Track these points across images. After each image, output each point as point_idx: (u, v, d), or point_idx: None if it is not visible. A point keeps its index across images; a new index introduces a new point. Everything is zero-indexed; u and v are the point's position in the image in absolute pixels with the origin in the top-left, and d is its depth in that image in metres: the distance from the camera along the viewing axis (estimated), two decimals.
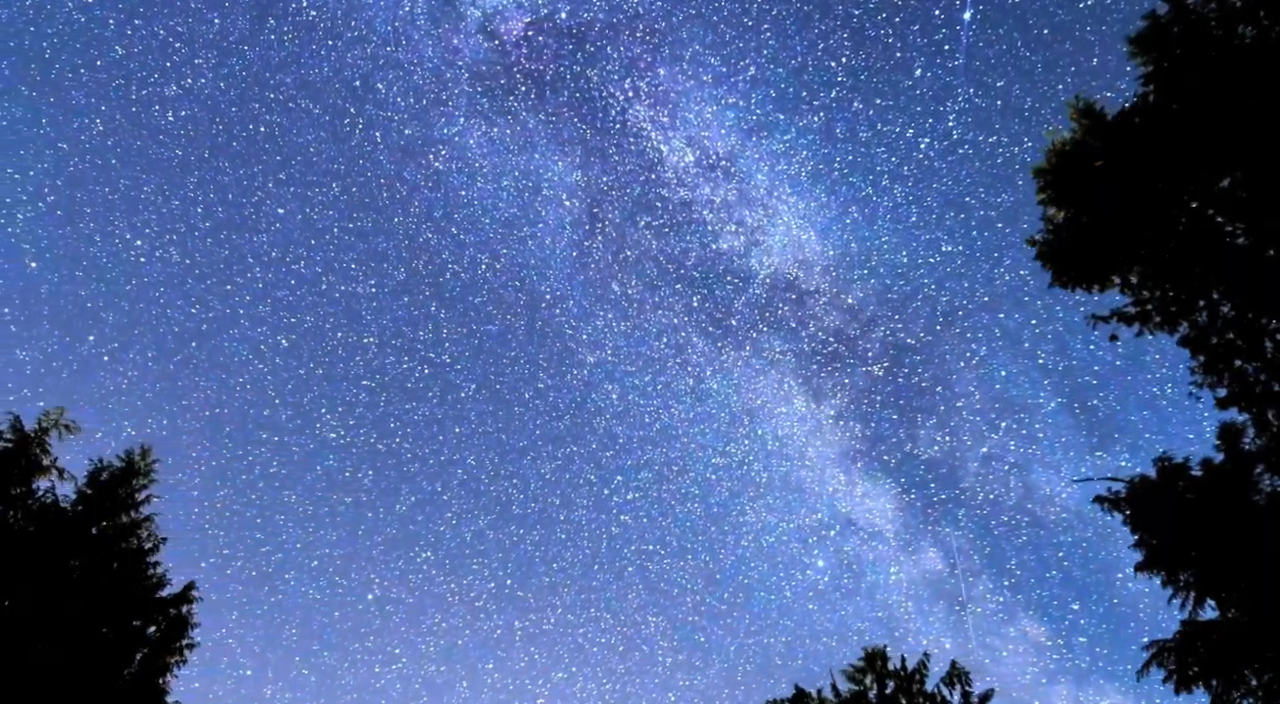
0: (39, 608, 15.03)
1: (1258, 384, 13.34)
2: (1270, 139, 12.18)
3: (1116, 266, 14.18)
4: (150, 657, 16.32)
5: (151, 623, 16.61)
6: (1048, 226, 14.52)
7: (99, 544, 16.51)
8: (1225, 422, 13.69)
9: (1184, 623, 13.47)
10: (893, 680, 19.14)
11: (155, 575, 17.04)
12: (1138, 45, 13.28)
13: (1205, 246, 13.17)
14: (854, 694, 19.10)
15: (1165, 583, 13.69)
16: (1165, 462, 13.81)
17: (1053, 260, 14.56)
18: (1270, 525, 12.41)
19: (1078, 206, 13.94)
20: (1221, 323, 13.67)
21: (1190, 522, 13.15)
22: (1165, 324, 14.20)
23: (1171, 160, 13.01)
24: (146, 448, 17.85)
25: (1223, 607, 13.24)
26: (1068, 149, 13.77)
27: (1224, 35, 12.56)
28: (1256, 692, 12.60)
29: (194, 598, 17.05)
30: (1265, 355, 13.21)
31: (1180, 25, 12.81)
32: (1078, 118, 13.70)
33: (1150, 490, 13.68)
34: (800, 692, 19.72)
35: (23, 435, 16.54)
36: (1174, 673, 13.23)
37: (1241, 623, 12.85)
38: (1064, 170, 13.83)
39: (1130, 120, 13.30)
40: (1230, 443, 13.53)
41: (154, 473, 17.81)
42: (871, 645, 19.76)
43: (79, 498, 16.81)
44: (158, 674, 16.31)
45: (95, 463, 17.34)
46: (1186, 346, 14.03)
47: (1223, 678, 12.81)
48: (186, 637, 16.76)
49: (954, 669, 18.88)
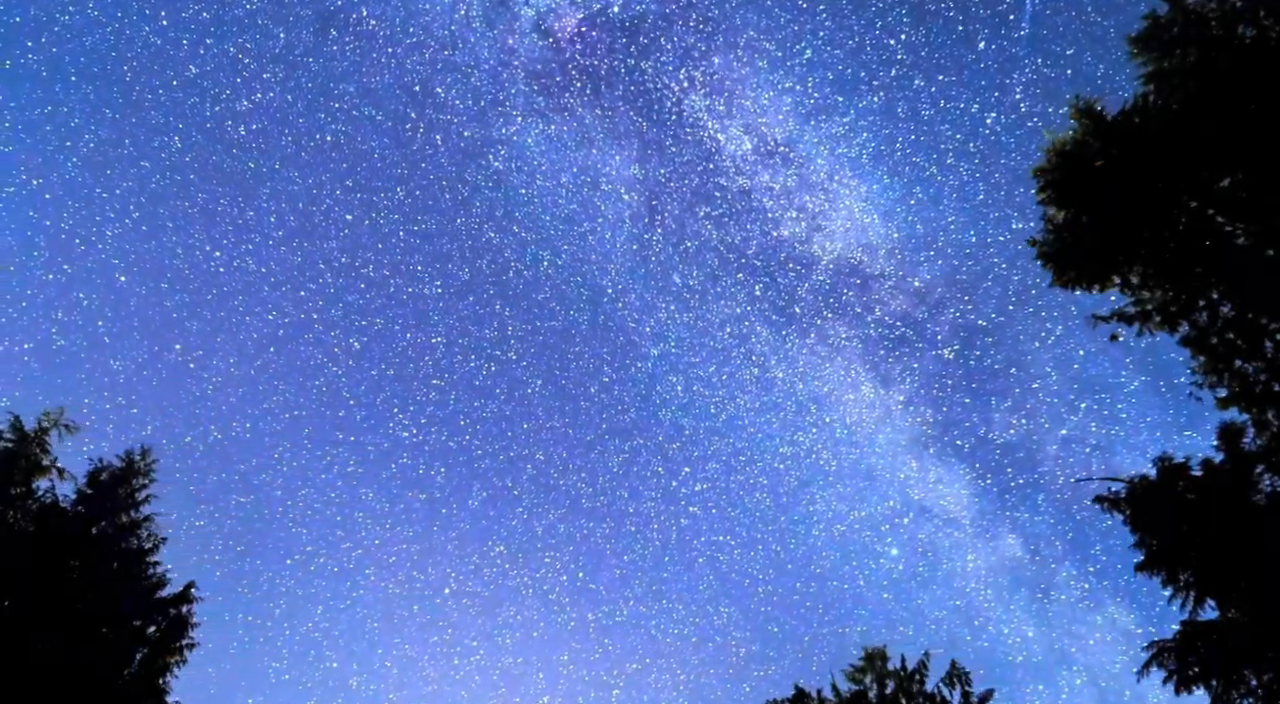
0: (39, 608, 15.03)
1: (1258, 384, 13.34)
2: (1270, 139, 12.17)
3: (1117, 267, 14.17)
4: (150, 657, 16.33)
5: (151, 623, 16.62)
6: (1048, 227, 14.52)
7: (99, 544, 16.52)
8: (1225, 421, 13.70)
9: (1184, 623, 13.46)
10: (893, 680, 19.14)
11: (155, 575, 17.06)
12: (1138, 45, 13.29)
13: (1205, 246, 13.16)
14: (854, 694, 19.10)
15: (1165, 583, 13.68)
16: (1165, 462, 13.81)
17: (1053, 260, 14.56)
18: (1270, 525, 12.41)
19: (1078, 206, 13.94)
20: (1221, 323, 13.68)
21: (1190, 522, 13.15)
22: (1165, 324, 14.20)
23: (1171, 160, 13.01)
24: (146, 448, 17.87)
25: (1223, 607, 13.23)
26: (1068, 149, 13.77)
27: (1224, 35, 12.56)
28: (1256, 692, 12.60)
29: (194, 598, 17.06)
30: (1265, 355, 13.21)
31: (1180, 25, 12.82)
32: (1078, 118, 13.70)
33: (1150, 490, 13.67)
34: (800, 692, 19.72)
35: (23, 435, 16.56)
36: (1174, 673, 13.22)
37: (1241, 623, 12.84)
38: (1064, 170, 13.83)
39: (1130, 120, 13.30)
40: (1230, 443, 13.52)
41: (154, 473, 17.83)
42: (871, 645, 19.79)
43: (79, 498, 16.83)
44: (158, 674, 16.32)
45: (95, 463, 17.36)
46: (1186, 346, 14.04)
47: (1223, 678, 12.80)
48: (186, 636, 16.77)
49: (954, 669, 18.88)
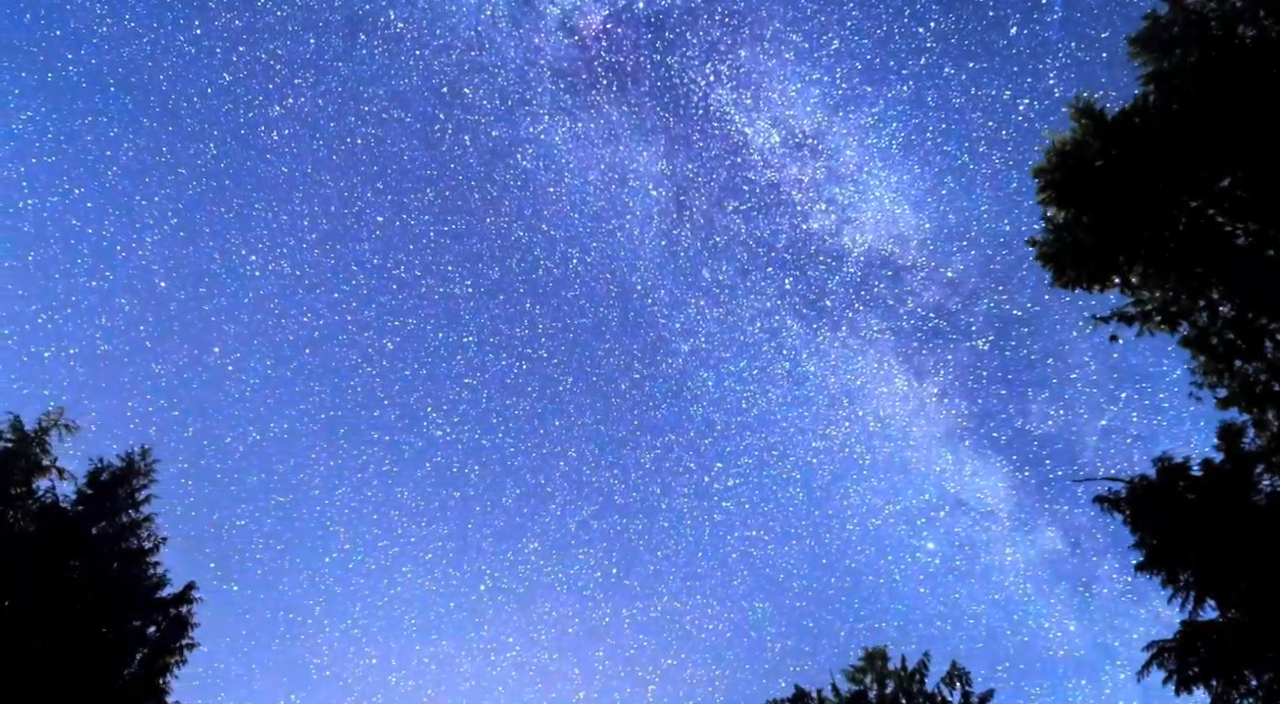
0: (39, 608, 15.02)
1: (1258, 384, 13.34)
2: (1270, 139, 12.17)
3: (1117, 267, 14.17)
4: (150, 657, 16.31)
5: (151, 623, 16.60)
6: (1048, 227, 14.52)
7: (99, 544, 16.51)
8: (1225, 421, 13.70)
9: (1184, 623, 13.45)
10: (893, 680, 19.15)
11: (155, 576, 17.03)
12: (1138, 45, 13.29)
13: (1205, 246, 13.16)
14: (854, 694, 19.11)
15: (1165, 583, 13.68)
16: (1165, 462, 13.81)
17: (1053, 260, 14.56)
18: (1270, 525, 12.41)
19: (1078, 206, 13.93)
20: (1221, 323, 13.68)
21: (1190, 522, 13.15)
22: (1165, 324, 14.20)
23: (1171, 160, 13.00)
24: (146, 448, 17.84)
25: (1223, 607, 13.23)
26: (1068, 149, 13.76)
27: (1224, 35, 12.56)
28: (1256, 692, 12.59)
29: (194, 599, 17.03)
30: (1265, 355, 13.21)
31: (1180, 25, 12.82)
32: (1078, 118, 13.70)
33: (1150, 490, 13.67)
34: (800, 691, 19.72)
35: (23, 435, 16.55)
36: (1174, 673, 13.22)
37: (1241, 623, 12.84)
38: (1064, 170, 13.82)
39: (1130, 120, 13.29)
40: (1230, 443, 13.52)
41: (154, 473, 17.81)
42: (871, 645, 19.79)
43: (79, 498, 16.80)
44: (158, 674, 16.30)
45: (95, 463, 17.34)
46: (1187, 347, 14.04)
47: (1223, 678, 12.79)
48: (186, 637, 16.74)
49: (954, 669, 18.89)
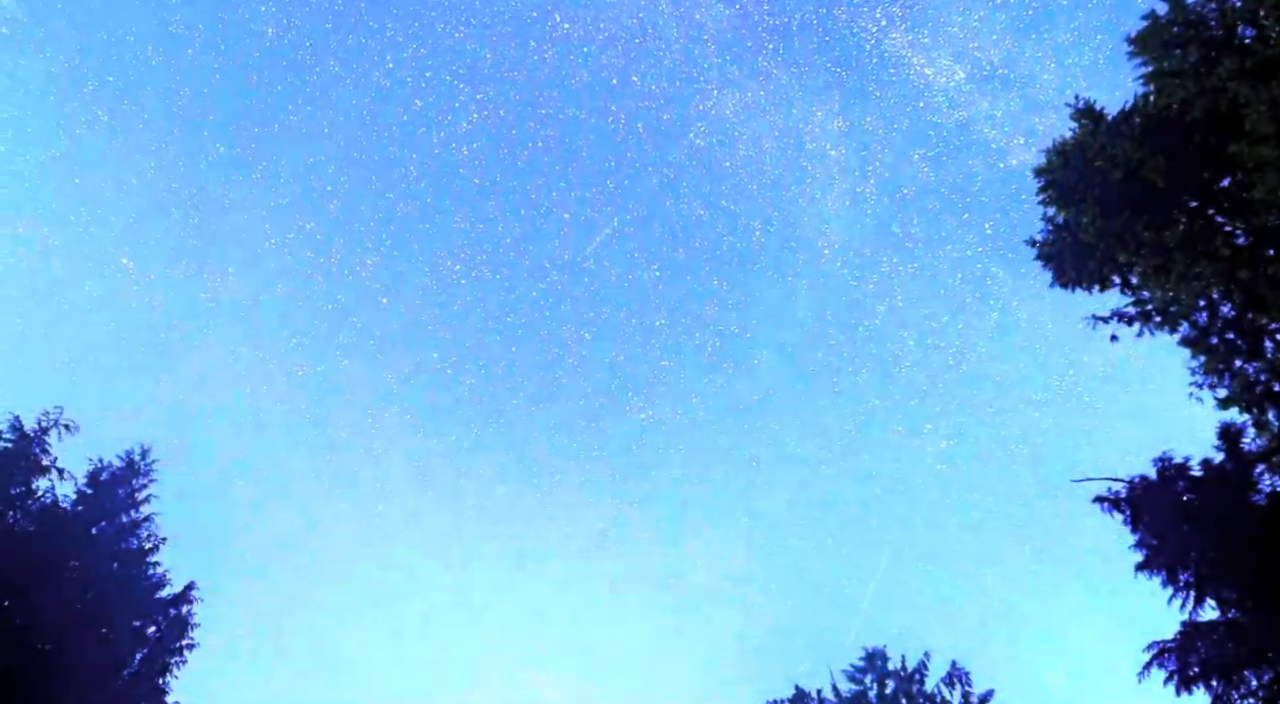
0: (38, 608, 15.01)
1: (1258, 384, 13.33)
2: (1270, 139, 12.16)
3: (1117, 267, 14.17)
4: (150, 657, 16.31)
5: (151, 623, 16.60)
6: (1048, 226, 14.52)
7: (99, 544, 16.50)
8: (1225, 422, 13.68)
9: (1184, 623, 13.44)
10: (893, 680, 19.14)
11: (156, 576, 17.03)
12: (1138, 45, 13.28)
13: (1205, 246, 13.16)
14: (854, 694, 19.10)
15: (1165, 583, 13.66)
16: (1165, 461, 13.79)
17: (1053, 260, 14.56)
18: (1270, 525, 12.40)
19: (1078, 206, 13.93)
20: (1221, 323, 13.66)
21: (1190, 522, 13.13)
22: (1165, 324, 14.18)
23: (1171, 160, 13.00)
24: (146, 448, 17.85)
25: (1223, 607, 13.22)
26: (1068, 149, 13.76)
27: (1224, 35, 12.55)
28: (1256, 692, 12.58)
29: (194, 599, 17.04)
30: (1265, 355, 13.19)
31: (1180, 25, 12.81)
32: (1078, 118, 13.70)
33: (1150, 490, 13.66)
34: (800, 692, 19.71)
35: (23, 435, 16.54)
36: (1174, 673, 13.21)
37: (1241, 623, 12.83)
38: (1064, 170, 13.82)
39: (1130, 120, 13.29)
40: (1230, 443, 13.51)
41: (154, 473, 17.81)
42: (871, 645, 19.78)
43: (79, 498, 16.80)
44: (158, 674, 16.30)
45: (95, 463, 17.33)
46: (1186, 346, 14.02)
47: (1223, 678, 12.78)
48: (187, 637, 16.75)
49: (954, 669, 18.89)
